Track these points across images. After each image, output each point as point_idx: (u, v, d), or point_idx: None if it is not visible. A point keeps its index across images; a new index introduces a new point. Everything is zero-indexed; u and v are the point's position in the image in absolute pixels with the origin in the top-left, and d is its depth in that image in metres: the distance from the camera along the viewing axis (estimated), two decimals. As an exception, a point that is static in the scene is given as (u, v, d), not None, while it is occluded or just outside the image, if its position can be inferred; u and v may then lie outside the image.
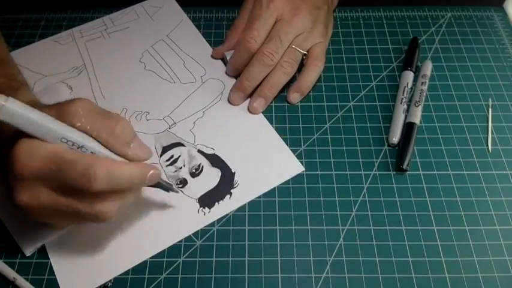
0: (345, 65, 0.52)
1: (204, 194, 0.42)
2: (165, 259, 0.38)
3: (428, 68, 0.50)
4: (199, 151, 0.45)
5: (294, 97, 0.48)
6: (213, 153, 0.44)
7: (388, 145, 0.45)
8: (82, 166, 0.30)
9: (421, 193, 0.42)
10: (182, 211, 0.41)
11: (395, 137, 0.45)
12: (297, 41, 0.47)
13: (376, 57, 0.53)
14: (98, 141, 0.33)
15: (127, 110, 0.48)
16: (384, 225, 0.40)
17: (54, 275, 0.37)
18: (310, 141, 0.45)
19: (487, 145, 0.45)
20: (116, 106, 0.48)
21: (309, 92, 0.49)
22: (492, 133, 0.46)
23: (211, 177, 0.43)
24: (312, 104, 0.49)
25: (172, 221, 0.40)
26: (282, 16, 0.47)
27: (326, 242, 0.39)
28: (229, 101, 0.48)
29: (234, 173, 0.43)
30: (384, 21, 0.57)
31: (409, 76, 0.49)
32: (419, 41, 0.52)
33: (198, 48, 0.53)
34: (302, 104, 0.48)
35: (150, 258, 0.38)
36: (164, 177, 0.42)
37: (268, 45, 0.46)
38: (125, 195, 0.34)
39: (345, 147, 0.45)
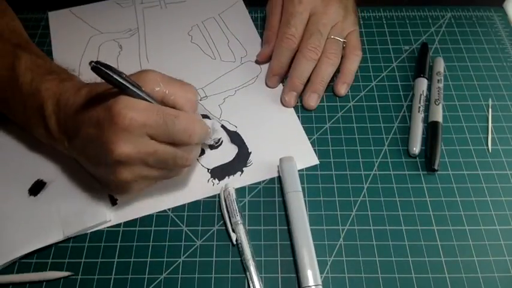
0: (345, 65, 0.52)
1: (218, 166, 0.44)
2: (165, 259, 0.38)
3: (441, 65, 0.50)
4: (223, 126, 0.47)
5: (342, 88, 0.49)
6: (235, 130, 0.46)
7: (409, 155, 0.44)
8: (185, 122, 0.35)
9: (421, 193, 0.42)
10: (193, 178, 0.43)
11: (416, 147, 0.44)
12: (334, 31, 0.48)
13: (376, 57, 0.53)
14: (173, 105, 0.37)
15: None
16: (384, 225, 0.40)
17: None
18: (311, 141, 0.45)
19: (487, 145, 0.45)
20: (157, 70, 0.51)
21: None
22: (492, 133, 0.46)
23: (228, 152, 0.45)
24: (312, 104, 0.49)
25: (182, 185, 0.43)
26: (316, 9, 0.48)
27: (326, 242, 0.39)
28: (282, 102, 0.48)
29: (250, 152, 0.45)
30: (384, 21, 0.57)
31: (423, 83, 0.49)
32: (418, 42, 0.52)
33: (245, 31, 0.56)
34: (302, 103, 0.48)
35: (150, 258, 0.39)
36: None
37: (311, 40, 0.47)
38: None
39: (344, 147, 0.45)
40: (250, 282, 0.36)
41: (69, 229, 0.39)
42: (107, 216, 0.40)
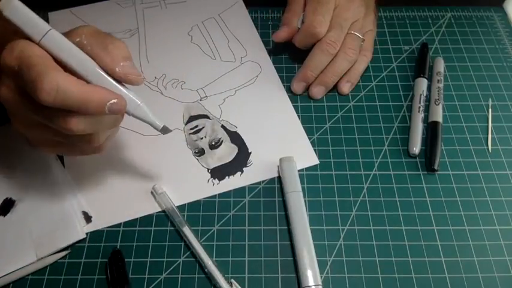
0: (345, 65, 0.52)
1: (218, 166, 0.44)
2: (165, 259, 0.38)
3: (441, 65, 0.50)
4: (223, 126, 0.47)
5: (345, 86, 0.49)
6: (234, 130, 0.46)
7: (409, 155, 0.44)
8: (35, 73, 0.29)
9: (420, 193, 0.42)
10: (193, 178, 0.43)
11: (416, 147, 0.44)
12: (354, 27, 0.48)
13: (376, 57, 0.53)
14: (91, 57, 0.33)
15: (165, 76, 0.51)
16: (384, 225, 0.40)
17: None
18: (311, 141, 0.45)
19: (487, 145, 0.45)
20: (157, 71, 0.52)
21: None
22: (492, 133, 0.46)
23: (227, 153, 0.45)
24: (312, 104, 0.49)
25: (182, 185, 0.43)
26: (339, 1, 0.48)
27: (326, 242, 0.39)
28: (291, 90, 0.49)
29: (250, 153, 0.45)
30: (384, 21, 0.57)
31: (423, 83, 0.49)
32: (418, 42, 0.52)
33: (245, 31, 0.56)
34: (302, 104, 0.48)
35: (150, 258, 0.39)
36: (153, 120, 0.35)
37: (331, 34, 0.47)
38: (95, 119, 0.33)
39: (344, 148, 0.45)
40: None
41: (42, 250, 0.38)
42: (80, 234, 0.39)
